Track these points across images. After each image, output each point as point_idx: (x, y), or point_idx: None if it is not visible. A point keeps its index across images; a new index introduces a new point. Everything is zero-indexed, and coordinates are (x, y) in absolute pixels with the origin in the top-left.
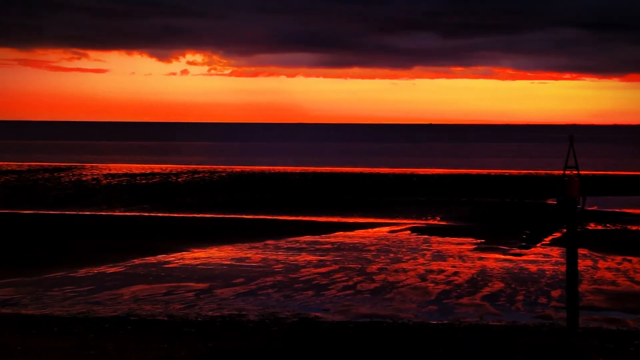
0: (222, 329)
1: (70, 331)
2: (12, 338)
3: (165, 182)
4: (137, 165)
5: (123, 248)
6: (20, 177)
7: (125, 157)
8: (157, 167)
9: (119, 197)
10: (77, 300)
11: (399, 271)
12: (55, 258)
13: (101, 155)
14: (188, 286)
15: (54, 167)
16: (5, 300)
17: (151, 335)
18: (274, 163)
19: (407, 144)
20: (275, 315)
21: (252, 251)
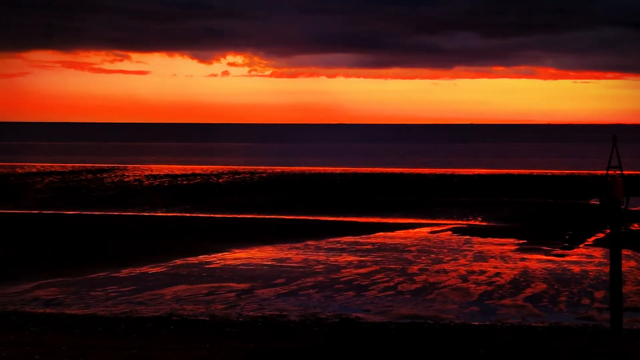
0: (263, 330)
1: (114, 331)
2: (56, 337)
3: (206, 183)
4: (179, 166)
5: (165, 248)
6: (64, 178)
7: (167, 158)
8: (198, 168)
9: (161, 197)
10: (120, 300)
11: (440, 272)
12: (98, 258)
13: (143, 156)
14: (229, 286)
15: (97, 169)
16: (50, 300)
17: (193, 335)
18: (315, 164)
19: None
20: (316, 316)
21: (292, 252)
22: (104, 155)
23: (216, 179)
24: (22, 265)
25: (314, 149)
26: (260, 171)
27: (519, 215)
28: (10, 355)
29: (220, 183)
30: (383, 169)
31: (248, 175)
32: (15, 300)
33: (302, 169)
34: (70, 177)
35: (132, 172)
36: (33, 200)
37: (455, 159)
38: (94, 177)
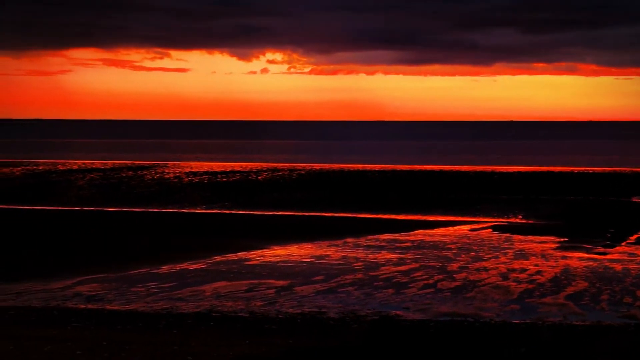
0: (303, 327)
1: (154, 327)
2: (97, 333)
3: (246, 180)
4: (218, 163)
5: (205, 245)
6: (105, 175)
7: (207, 155)
8: (237, 165)
9: (201, 194)
10: (160, 296)
11: (480, 270)
12: (139, 254)
13: (183, 153)
14: (268, 283)
15: (138, 166)
16: (91, 296)
17: (233, 331)
18: (354, 161)
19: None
20: (356, 313)
21: (331, 249)
22: (144, 153)
23: (255, 176)
24: (64, 262)
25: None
26: (299, 168)
27: (559, 213)
28: (52, 350)
29: (259, 180)
30: (422, 167)
31: (287, 172)
32: (58, 296)
33: (341, 166)
34: (111, 174)
35: (172, 169)
36: (75, 197)
37: (495, 156)
38: (134, 174)
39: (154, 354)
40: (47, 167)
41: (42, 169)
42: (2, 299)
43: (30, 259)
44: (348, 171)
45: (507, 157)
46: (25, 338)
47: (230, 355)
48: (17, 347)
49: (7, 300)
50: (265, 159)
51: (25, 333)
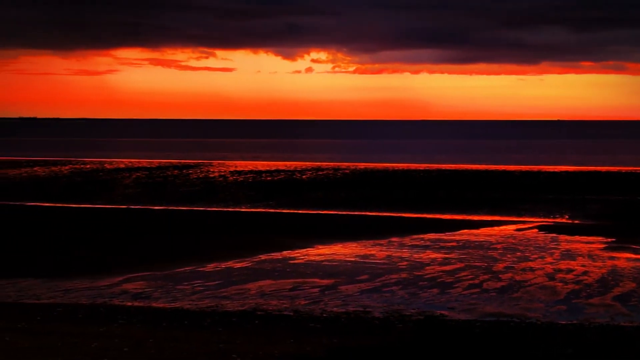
0: (347, 325)
1: (200, 324)
2: (144, 330)
3: (290, 179)
4: (263, 162)
5: (249, 243)
6: (151, 174)
7: (251, 154)
8: (282, 164)
9: (245, 193)
10: (205, 294)
11: (526, 270)
12: (184, 253)
13: (228, 152)
14: (313, 282)
15: (183, 165)
16: (138, 293)
17: (278, 329)
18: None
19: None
20: (400, 313)
21: (376, 248)
22: (189, 152)
23: (300, 175)
24: (111, 259)
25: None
26: (343, 167)
27: (606, 213)
28: (100, 347)
29: (304, 179)
30: (468, 166)
31: (331, 171)
32: (105, 293)
33: (385, 166)
34: (156, 172)
35: (217, 168)
36: (121, 196)
37: (541, 156)
38: (179, 173)
39: (199, 351)
40: (94, 166)
41: (90, 167)
42: (51, 296)
43: (77, 256)
44: (392, 170)
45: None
46: (73, 335)
47: (275, 354)
48: (65, 344)
49: (55, 298)
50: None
51: (73, 330)
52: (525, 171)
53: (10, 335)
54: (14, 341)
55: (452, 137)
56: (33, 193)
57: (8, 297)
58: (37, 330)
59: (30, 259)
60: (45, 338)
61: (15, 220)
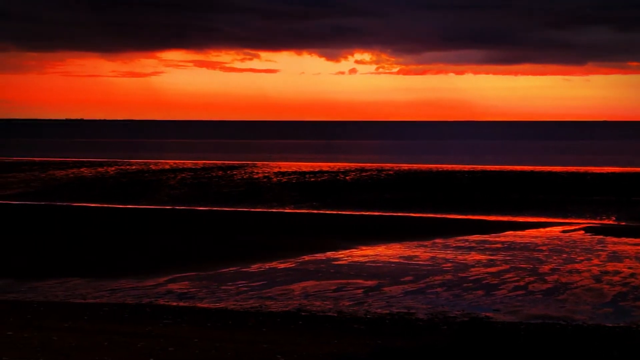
0: (391, 327)
1: (244, 325)
2: (189, 330)
3: (334, 180)
4: (306, 163)
5: (293, 244)
6: (196, 175)
7: (295, 156)
8: (325, 165)
9: (289, 194)
10: (250, 294)
11: (572, 272)
12: (228, 253)
13: (272, 153)
14: (357, 283)
15: (227, 166)
16: (183, 293)
17: (321, 330)
18: (442, 161)
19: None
20: (445, 314)
21: (420, 249)
22: (234, 153)
23: (343, 176)
24: (157, 259)
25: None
26: (387, 168)
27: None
28: (145, 346)
29: (348, 180)
30: (513, 167)
31: (375, 172)
32: (150, 293)
33: (429, 167)
34: (201, 173)
35: (261, 169)
36: (166, 196)
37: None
38: (224, 173)
39: (243, 351)
40: (139, 166)
41: (135, 168)
42: (97, 295)
43: (123, 256)
44: (437, 171)
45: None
46: (119, 334)
47: (319, 355)
48: (111, 343)
49: (102, 297)
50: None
51: (119, 329)
52: (571, 172)
53: (58, 334)
54: (62, 340)
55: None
56: (80, 194)
57: (56, 297)
58: (84, 329)
59: (77, 259)
60: (92, 337)
61: (62, 221)
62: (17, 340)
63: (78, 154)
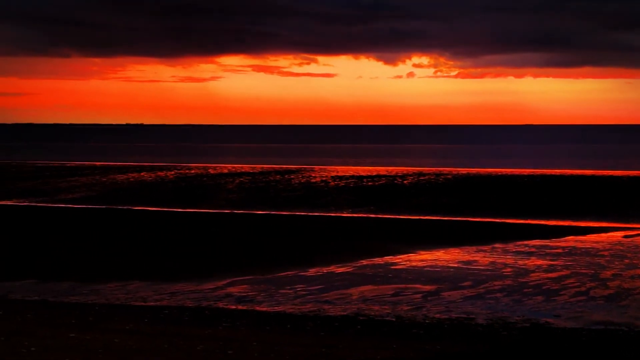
0: (450, 332)
1: (302, 328)
2: (248, 333)
3: (391, 184)
4: (364, 167)
5: (351, 248)
6: (254, 179)
7: (353, 160)
8: (383, 169)
9: (346, 198)
10: (308, 298)
11: (634, 277)
12: (286, 257)
13: (330, 157)
14: (415, 288)
15: (285, 170)
16: (242, 297)
17: (380, 335)
18: (501, 165)
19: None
20: (505, 320)
21: (479, 254)
22: (291, 157)
23: (401, 180)
24: (216, 263)
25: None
26: (445, 172)
27: None
28: (205, 349)
29: (405, 184)
30: (573, 171)
31: (433, 176)
32: (209, 296)
33: (488, 171)
34: (259, 177)
35: (319, 173)
36: (224, 200)
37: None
38: (282, 178)
39: (302, 355)
40: (198, 171)
41: (194, 172)
42: (158, 298)
43: (183, 260)
44: (495, 175)
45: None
46: (180, 337)
47: (378, 359)
48: (172, 346)
49: (162, 300)
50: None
51: (179, 331)
52: (633, 176)
53: (120, 336)
54: (123, 342)
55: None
56: (140, 198)
57: (117, 299)
58: (145, 332)
59: (137, 262)
60: (153, 340)
61: (122, 224)
62: (80, 343)
63: (138, 158)
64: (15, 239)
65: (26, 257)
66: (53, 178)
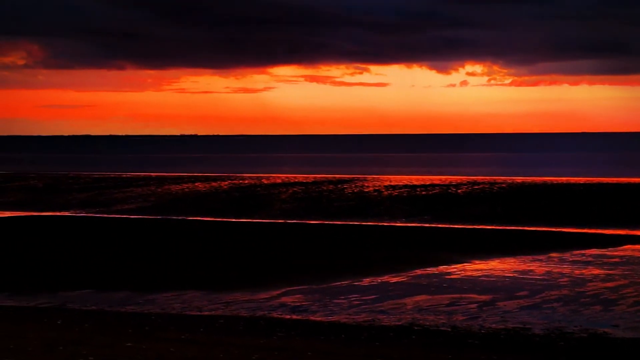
0: (506, 342)
1: (357, 338)
2: (302, 343)
3: (445, 193)
4: (417, 176)
5: (405, 258)
6: (307, 189)
7: (406, 169)
8: (437, 178)
9: (400, 208)
10: (362, 308)
11: None
12: (340, 267)
13: (383, 167)
14: (470, 297)
15: (338, 179)
16: (296, 306)
17: (435, 345)
18: (557, 173)
19: None
20: (562, 330)
21: (535, 263)
22: (344, 166)
23: (455, 189)
24: (270, 272)
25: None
26: (499, 181)
27: None
28: (260, 359)
29: (459, 193)
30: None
31: (487, 185)
32: (264, 306)
33: (543, 179)
34: (312, 187)
35: (372, 182)
36: (278, 210)
37: None
38: (334, 187)
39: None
40: (252, 181)
41: (248, 183)
42: (213, 308)
43: (237, 269)
44: (551, 184)
45: None
46: (234, 346)
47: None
48: (227, 355)
49: (217, 310)
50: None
51: (234, 341)
52: None
53: (175, 346)
54: (179, 352)
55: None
56: (194, 208)
57: (172, 309)
58: (201, 341)
59: (192, 272)
60: (209, 349)
61: (177, 234)
62: (136, 352)
63: (192, 168)
64: (73, 249)
65: (83, 267)
66: (109, 189)
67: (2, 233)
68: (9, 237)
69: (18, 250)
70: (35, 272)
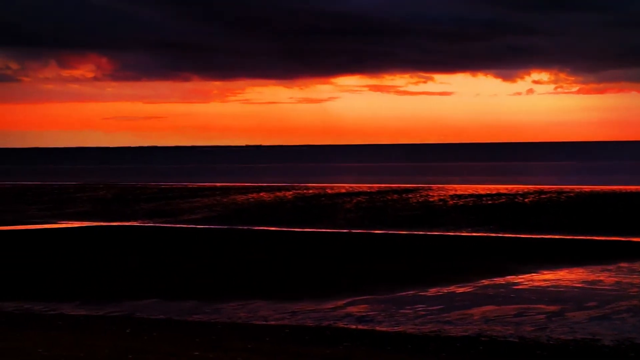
0: (575, 353)
1: (423, 349)
2: (368, 354)
3: (511, 202)
4: (483, 185)
5: (471, 268)
6: (371, 199)
7: (472, 178)
8: (503, 187)
9: (465, 217)
10: (428, 319)
11: None
12: (405, 276)
13: (448, 176)
14: (538, 308)
15: (403, 189)
16: (361, 316)
17: (502, 356)
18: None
19: None
20: (632, 341)
21: (604, 274)
22: (409, 176)
23: (521, 198)
24: (335, 282)
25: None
26: (567, 190)
27: None
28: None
29: (526, 203)
30: None
31: (554, 194)
32: (329, 316)
33: (612, 188)
34: (376, 197)
35: (437, 192)
36: (343, 220)
37: None
38: (399, 197)
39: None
40: (316, 190)
41: (312, 192)
42: (279, 317)
43: (302, 279)
44: (619, 193)
45: None
46: (300, 356)
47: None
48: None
49: (283, 319)
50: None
51: (300, 351)
52: None
53: (243, 355)
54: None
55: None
56: (259, 218)
57: (239, 318)
58: (267, 351)
59: (258, 281)
60: (275, 359)
61: (243, 244)
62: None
63: (257, 178)
64: (140, 259)
65: (151, 276)
66: (175, 199)
67: (72, 242)
68: (79, 246)
69: (88, 259)
70: (104, 281)
